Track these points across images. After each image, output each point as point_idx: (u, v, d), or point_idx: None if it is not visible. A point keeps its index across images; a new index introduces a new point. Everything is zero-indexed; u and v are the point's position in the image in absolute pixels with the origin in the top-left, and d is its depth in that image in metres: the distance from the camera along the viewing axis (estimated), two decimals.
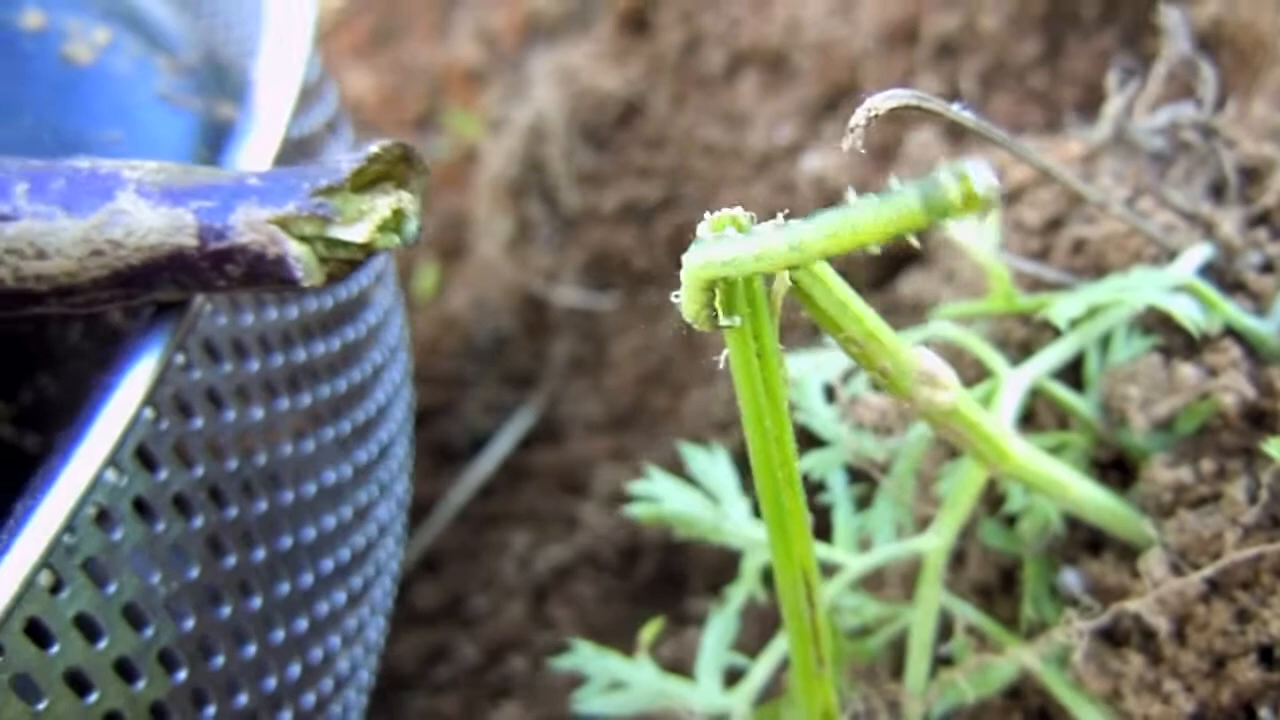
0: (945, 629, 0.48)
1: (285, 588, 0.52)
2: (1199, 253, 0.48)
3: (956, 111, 0.38)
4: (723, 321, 0.34)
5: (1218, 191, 0.51)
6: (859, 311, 0.37)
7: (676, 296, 0.35)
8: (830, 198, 0.70)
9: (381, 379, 0.63)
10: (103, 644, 0.43)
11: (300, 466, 0.54)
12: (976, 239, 0.48)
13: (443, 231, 1.05)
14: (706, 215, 0.33)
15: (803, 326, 0.69)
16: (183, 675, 0.46)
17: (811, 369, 0.50)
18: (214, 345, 0.49)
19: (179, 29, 0.63)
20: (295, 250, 0.38)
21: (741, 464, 0.55)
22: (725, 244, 0.32)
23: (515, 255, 0.90)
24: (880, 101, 0.33)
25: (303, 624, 0.54)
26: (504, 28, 1.16)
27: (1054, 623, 0.46)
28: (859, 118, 0.33)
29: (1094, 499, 0.45)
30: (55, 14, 0.58)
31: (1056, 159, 0.56)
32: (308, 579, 0.54)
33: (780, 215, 0.35)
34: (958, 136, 0.70)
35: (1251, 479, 0.45)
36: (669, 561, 0.73)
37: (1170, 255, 0.48)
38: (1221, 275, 0.48)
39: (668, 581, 0.72)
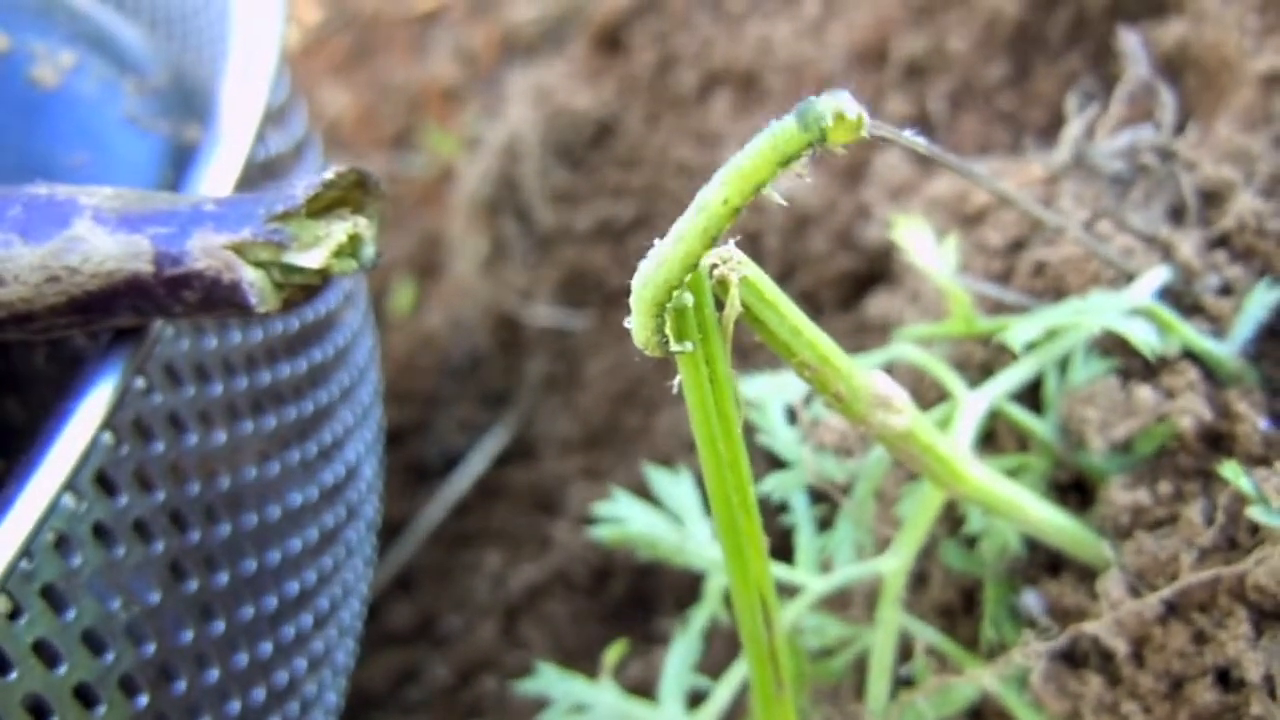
0: (907, 650, 0.48)
1: (249, 611, 0.52)
2: (1157, 275, 0.48)
3: (910, 138, 0.38)
4: (674, 347, 0.34)
5: (1177, 214, 0.51)
6: (812, 337, 0.37)
7: (628, 323, 0.35)
8: (800, 217, 0.70)
9: (349, 400, 0.63)
10: (62, 670, 0.43)
11: (264, 489, 0.54)
12: (937, 262, 0.48)
13: (419, 250, 1.05)
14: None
15: (767, 349, 0.69)
16: (144, 701, 0.46)
17: (773, 391, 0.50)
18: (175, 369, 0.49)
19: (147, 51, 0.63)
20: (250, 276, 0.38)
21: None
22: (653, 254, 0.32)
23: (490, 274, 0.90)
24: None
25: (267, 647, 0.53)
26: (481, 47, 1.17)
27: (1014, 644, 0.47)
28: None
29: (1052, 521, 0.45)
30: (20, 36, 0.58)
31: (1018, 182, 0.57)
32: (272, 602, 0.54)
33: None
34: (925, 158, 0.70)
35: (1208, 501, 0.45)
36: (640, 582, 0.73)
37: (1129, 278, 0.49)
38: (1180, 298, 0.49)
39: (639, 601, 0.72)
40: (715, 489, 0.38)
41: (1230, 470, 0.42)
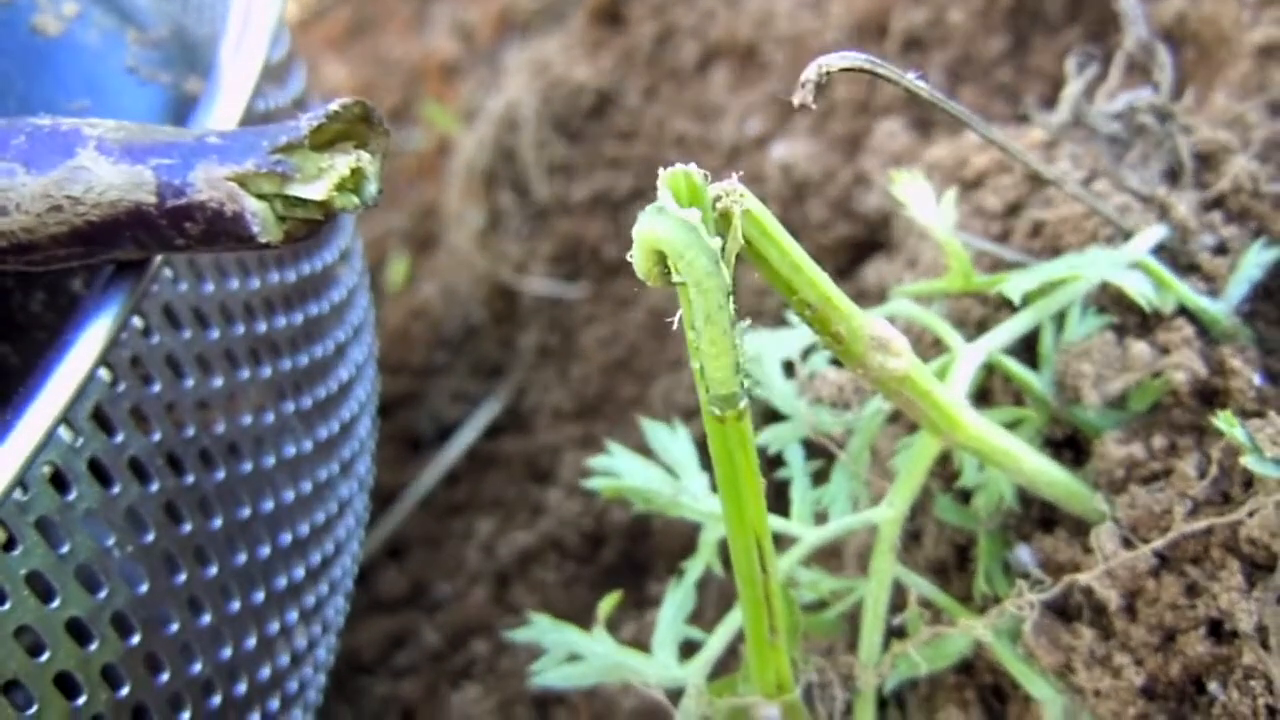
0: (900, 604, 0.48)
1: (242, 558, 0.52)
2: (1153, 233, 0.48)
3: (909, 80, 0.39)
4: (674, 279, 0.34)
5: (1173, 176, 0.51)
6: (812, 274, 0.37)
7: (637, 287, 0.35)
8: (798, 186, 0.70)
9: (344, 357, 0.63)
10: (55, 604, 0.43)
11: (260, 438, 0.54)
12: (936, 218, 0.48)
13: (414, 223, 1.05)
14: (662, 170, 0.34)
15: (768, 314, 0.69)
16: (136, 639, 0.46)
17: (771, 345, 0.51)
18: (174, 311, 0.49)
19: (149, 5, 0.63)
20: (253, 206, 0.38)
21: (704, 445, 0.55)
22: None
23: (485, 245, 0.90)
24: (834, 60, 0.34)
25: (259, 595, 0.53)
26: (480, 22, 1.17)
27: (1007, 598, 0.47)
28: (811, 73, 0.33)
29: (1047, 473, 0.45)
30: None
31: (1021, 142, 0.57)
32: (265, 550, 0.54)
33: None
34: (925, 126, 0.70)
35: (1202, 455, 0.45)
36: (632, 547, 0.73)
37: (1125, 237, 0.49)
38: (1175, 256, 0.49)
39: (631, 567, 0.72)
40: (713, 427, 0.38)
41: (1225, 420, 0.42)
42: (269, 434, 0.55)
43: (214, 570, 0.51)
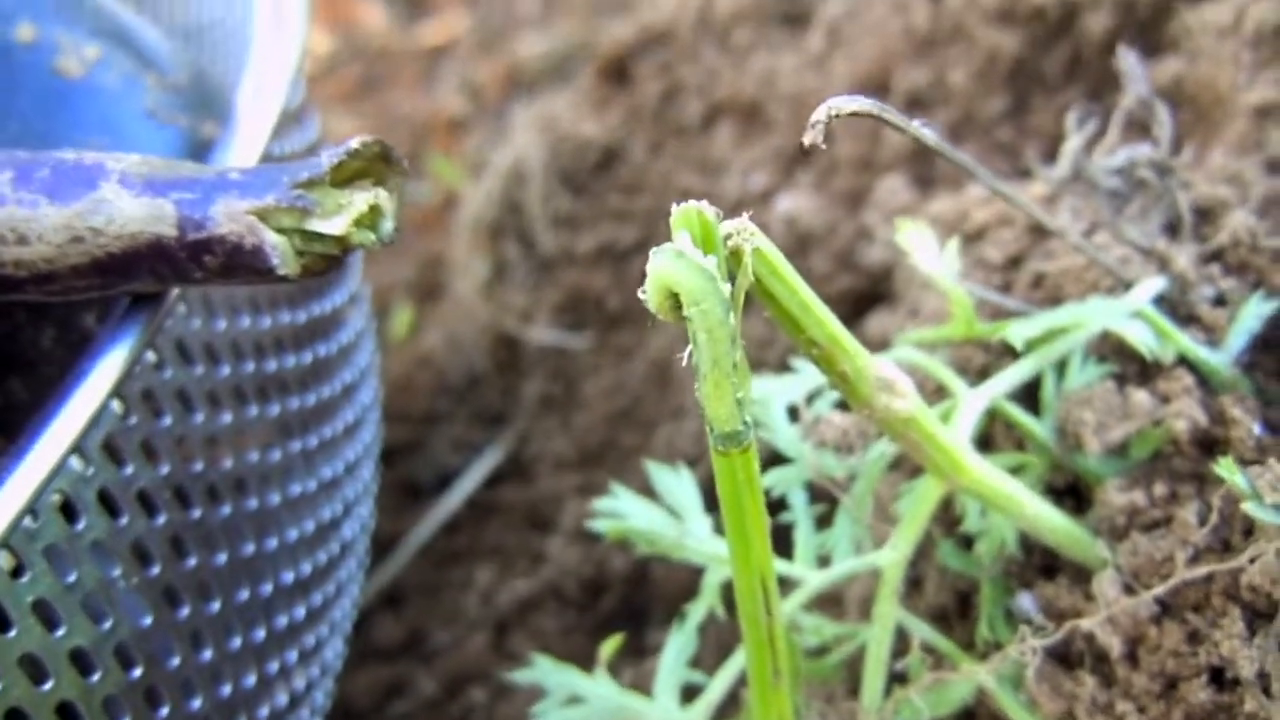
0: (902, 650, 0.48)
1: (245, 595, 0.52)
2: (1153, 284, 0.49)
3: (914, 127, 0.40)
4: (685, 313, 0.35)
5: (1172, 229, 0.52)
6: (820, 314, 0.38)
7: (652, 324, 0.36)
8: (801, 238, 0.71)
9: (351, 399, 0.64)
10: (60, 632, 0.43)
11: (266, 475, 0.54)
12: (940, 266, 0.49)
13: (419, 275, 1.06)
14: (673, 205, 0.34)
15: (771, 364, 0.70)
16: (138, 672, 0.46)
17: (776, 389, 0.51)
18: (186, 347, 0.50)
19: (169, 51, 0.65)
20: (272, 239, 0.39)
21: (708, 492, 0.56)
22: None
23: (490, 296, 0.91)
24: (842, 103, 0.35)
25: (260, 634, 0.53)
26: (488, 80, 1.19)
27: (1009, 644, 0.47)
28: (820, 114, 0.34)
29: (1049, 518, 0.46)
30: (48, 28, 0.59)
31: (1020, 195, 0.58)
32: (267, 588, 0.54)
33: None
34: (927, 183, 0.72)
35: (1203, 503, 0.46)
36: (632, 595, 0.73)
37: (1126, 288, 0.50)
38: (1175, 307, 0.50)
39: (630, 615, 0.72)
40: (721, 465, 0.38)
41: (1225, 466, 0.43)
42: (275, 472, 0.55)
43: (217, 606, 0.51)
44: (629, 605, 0.73)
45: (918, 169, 0.73)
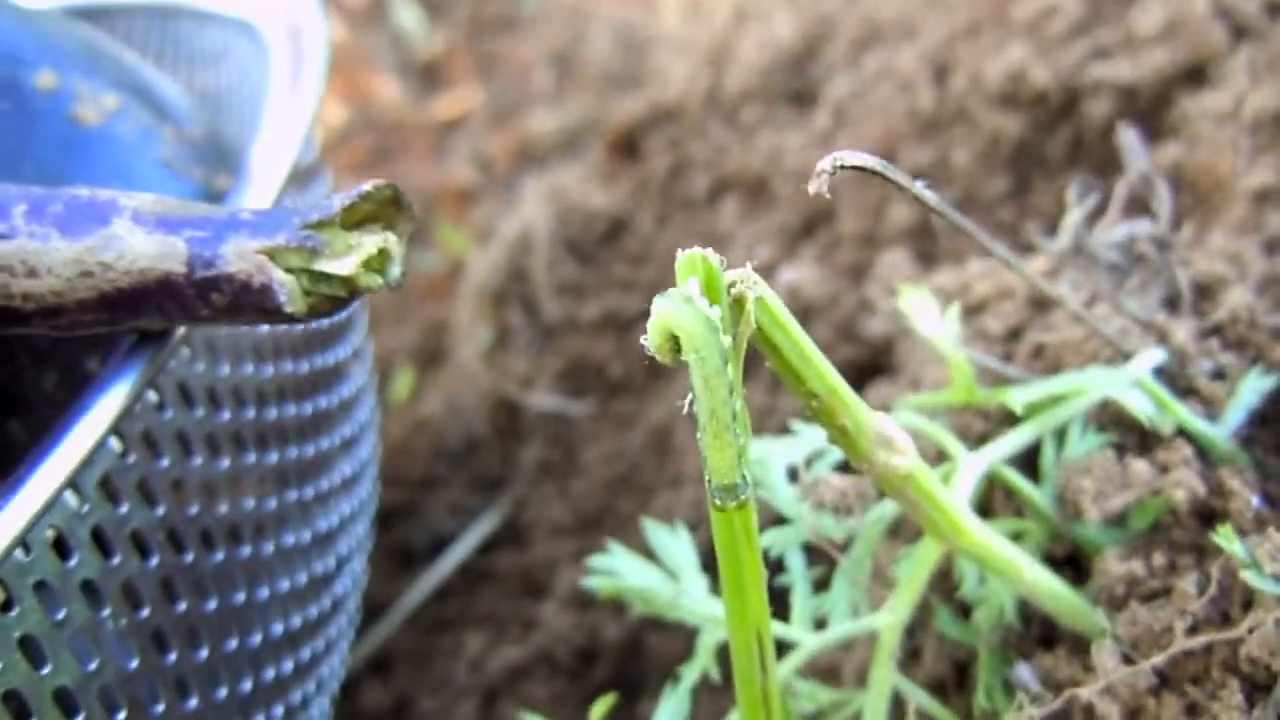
0: (898, 719, 0.47)
1: (233, 644, 0.52)
2: (1153, 356, 0.49)
3: (918, 188, 0.40)
4: (684, 357, 0.35)
5: (1172, 305, 0.53)
6: (821, 366, 0.38)
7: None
8: (804, 309, 0.72)
9: (349, 453, 0.64)
10: (45, 670, 0.43)
11: (261, 523, 0.54)
12: (941, 330, 0.49)
13: (421, 340, 1.06)
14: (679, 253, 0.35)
15: (773, 431, 0.70)
16: (122, 716, 0.46)
17: (776, 450, 0.51)
18: (189, 389, 0.50)
19: (187, 108, 0.66)
20: (280, 278, 0.40)
21: (706, 558, 0.55)
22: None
23: (493, 362, 0.91)
24: (848, 156, 0.35)
25: (247, 685, 0.53)
26: (499, 153, 1.20)
27: (1006, 714, 0.46)
28: (825, 164, 0.34)
29: (1048, 585, 0.45)
30: (68, 77, 0.60)
31: (1021, 263, 0.59)
32: (256, 639, 0.53)
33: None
34: (928, 258, 0.72)
35: (1201, 574, 0.45)
36: (626, 665, 0.72)
37: (1125, 359, 0.50)
38: (1174, 380, 0.50)
39: (623, 685, 0.71)
40: (718, 516, 0.38)
41: (1224, 535, 0.42)
42: (270, 521, 0.55)
43: (204, 654, 0.50)
44: (622, 674, 0.72)
45: (920, 244, 0.73)
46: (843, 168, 0.35)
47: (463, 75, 1.36)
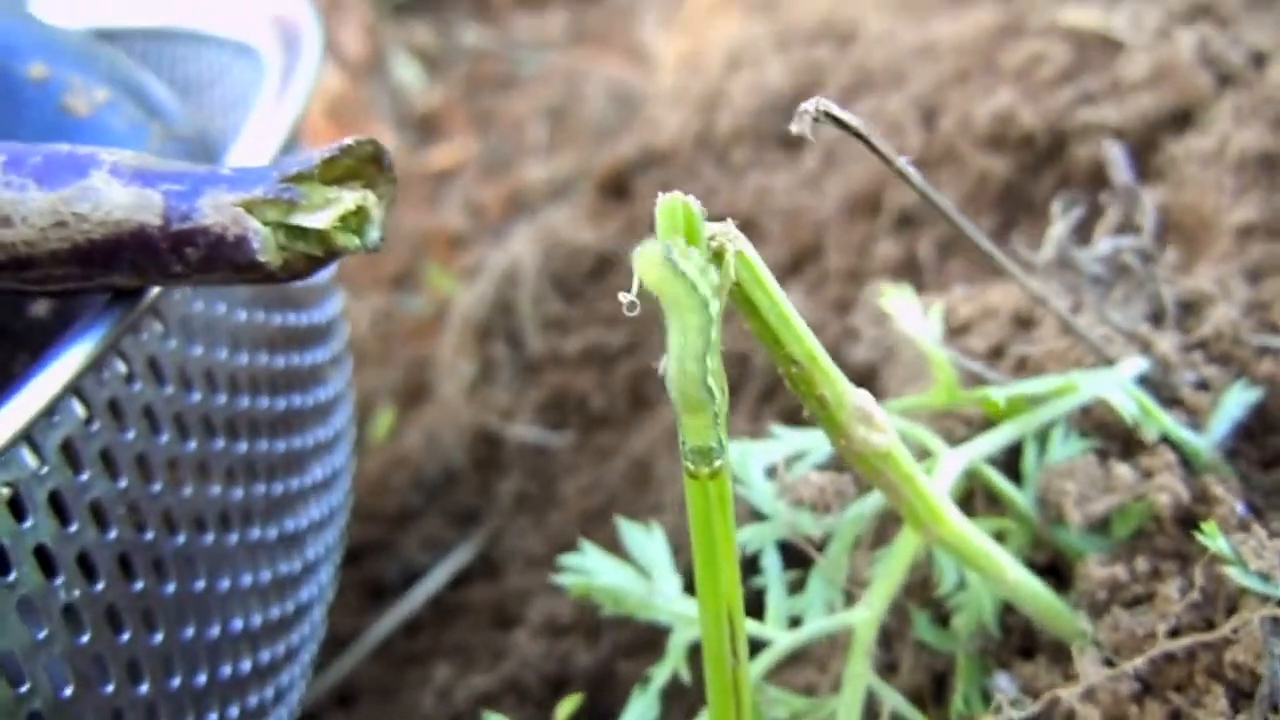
0: None
1: (190, 632, 0.50)
2: (1137, 363, 0.49)
3: (902, 164, 0.40)
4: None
5: (1156, 319, 0.53)
6: (800, 329, 0.37)
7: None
8: None
9: (322, 458, 0.62)
10: None
11: (226, 513, 0.53)
12: (924, 330, 0.49)
13: (406, 377, 1.05)
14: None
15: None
16: (68, 692, 0.44)
17: (756, 451, 0.50)
18: (159, 365, 0.49)
19: (177, 109, 0.66)
20: (256, 226, 0.39)
21: (679, 549, 0.54)
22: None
23: (474, 395, 0.91)
24: (833, 107, 0.35)
25: (201, 678, 0.51)
26: (491, 200, 1.21)
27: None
28: (809, 105, 0.34)
29: (1029, 585, 0.44)
30: (60, 69, 0.60)
31: (1005, 293, 0.58)
32: (214, 631, 0.52)
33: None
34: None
35: (1185, 580, 0.44)
36: (596, 694, 0.70)
37: (1109, 366, 0.50)
38: (1158, 389, 0.50)
39: (595, 713, 0.69)
40: (693, 491, 0.37)
41: (1209, 531, 0.41)
42: (235, 512, 0.53)
43: (159, 638, 0.48)
44: (593, 704, 0.69)
45: (906, 279, 0.73)
46: (826, 113, 0.35)
47: (458, 129, 1.37)
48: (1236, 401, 0.49)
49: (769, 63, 0.93)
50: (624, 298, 0.37)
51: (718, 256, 0.36)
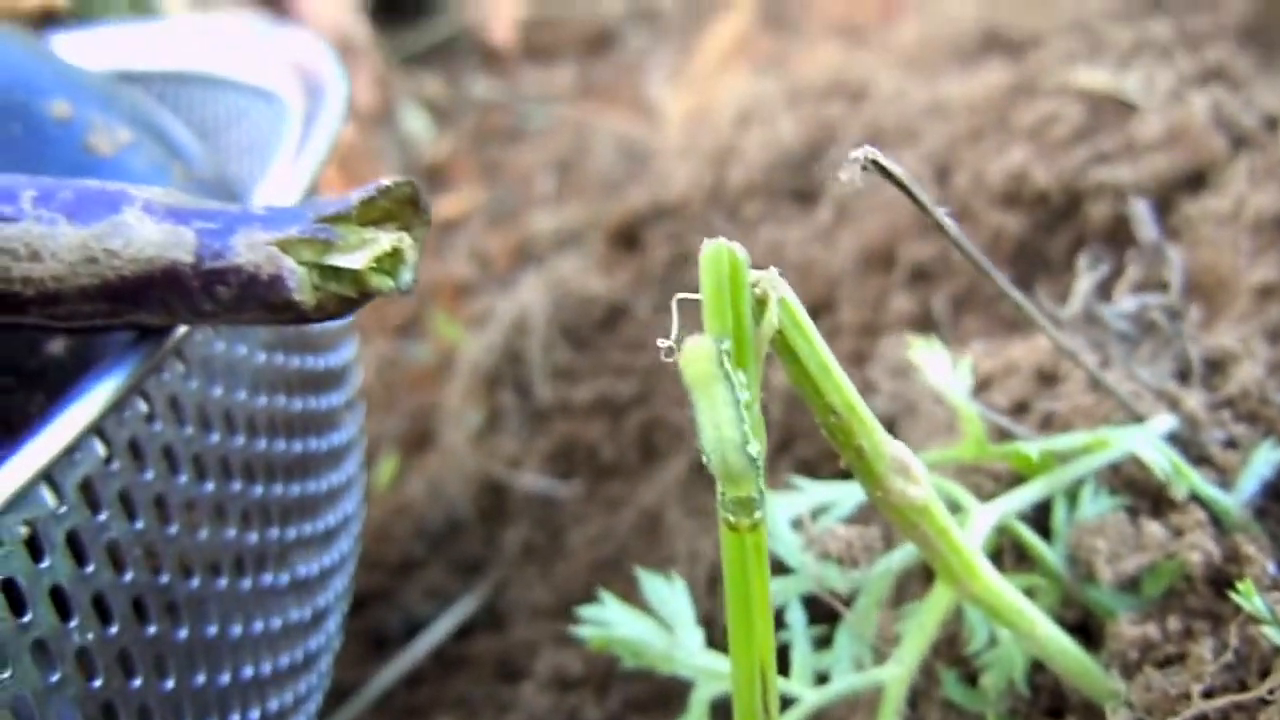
0: None
1: (201, 679, 0.49)
2: (1165, 420, 0.49)
3: (940, 214, 0.40)
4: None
5: (1183, 377, 0.52)
6: (840, 379, 0.37)
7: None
8: None
9: (334, 503, 0.62)
10: (4, 675, 0.40)
11: (240, 557, 0.52)
12: (953, 384, 0.49)
13: (408, 427, 1.04)
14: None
15: None
16: None
17: (781, 503, 0.50)
18: (180, 405, 0.49)
19: (199, 151, 0.66)
20: (291, 266, 0.39)
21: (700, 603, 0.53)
22: None
23: (480, 444, 0.90)
24: (879, 156, 0.35)
25: None
26: (498, 250, 1.21)
27: None
28: (858, 154, 0.34)
29: (1059, 642, 0.44)
30: (83, 109, 0.60)
31: (1027, 348, 0.58)
32: (224, 679, 0.51)
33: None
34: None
35: (1218, 641, 0.44)
36: None
37: (1137, 423, 0.49)
38: (1186, 447, 0.49)
39: None
40: (728, 537, 0.37)
41: (1244, 590, 0.41)
42: (250, 556, 0.53)
43: (170, 684, 0.47)
44: None
45: (921, 333, 0.73)
46: (874, 163, 0.35)
47: (466, 179, 1.38)
48: (1265, 460, 0.48)
49: (780, 119, 0.93)
50: (662, 343, 0.36)
51: (760, 303, 0.36)
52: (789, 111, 0.96)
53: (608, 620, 0.50)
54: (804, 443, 0.71)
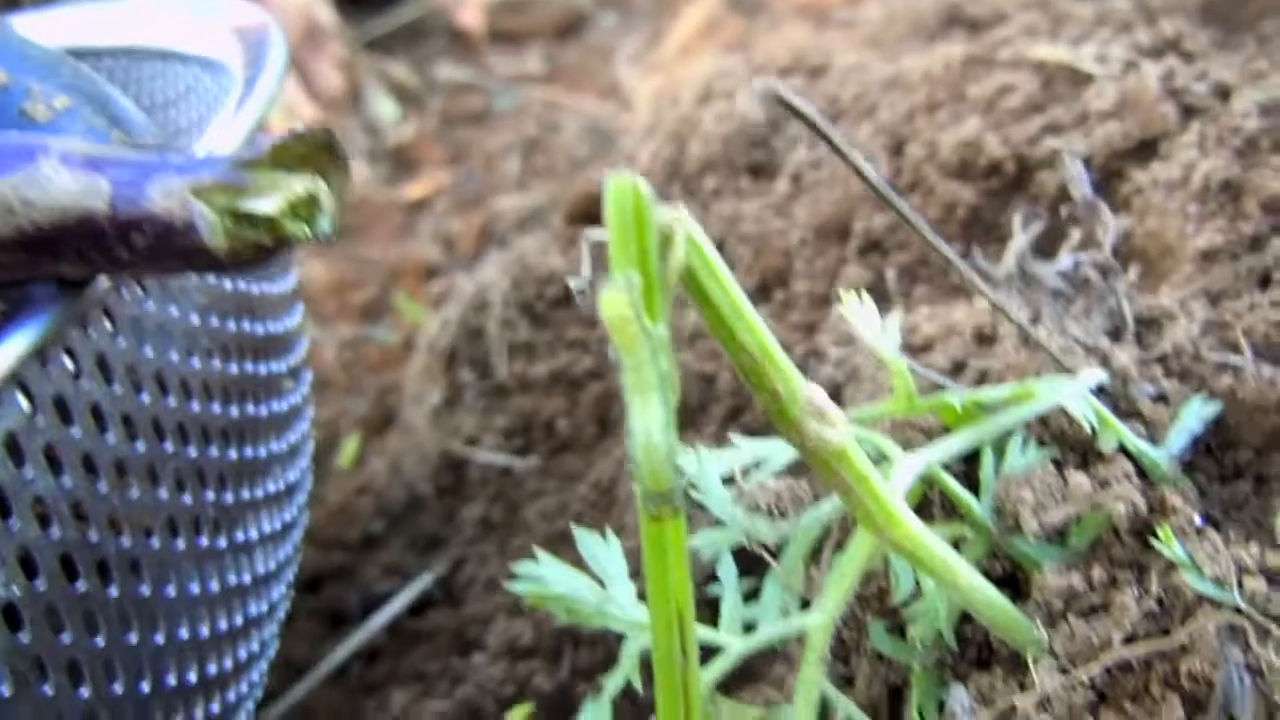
0: None
1: (133, 638, 0.49)
2: (1095, 374, 0.49)
3: (856, 157, 0.40)
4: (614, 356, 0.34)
5: (1115, 334, 0.52)
6: (753, 320, 0.37)
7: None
8: None
9: (275, 472, 0.61)
10: None
11: (175, 519, 0.52)
12: (881, 341, 0.49)
13: (372, 405, 1.04)
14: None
15: None
16: (6, 692, 0.43)
17: (712, 459, 0.50)
18: (108, 364, 0.48)
19: (141, 121, 0.66)
20: (202, 210, 0.39)
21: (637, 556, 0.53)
22: None
23: (439, 421, 0.90)
24: (782, 90, 0.35)
25: (145, 685, 0.50)
26: (462, 232, 1.21)
27: None
28: (758, 86, 0.34)
29: (984, 592, 0.44)
30: (21, 77, 0.60)
31: (968, 312, 0.58)
32: (159, 638, 0.51)
33: None
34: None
35: (1141, 590, 0.44)
36: (556, 717, 0.68)
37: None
38: (1116, 402, 0.49)
39: None
40: (648, 530, 0.37)
41: (1165, 537, 0.41)
42: (185, 517, 0.52)
43: (101, 642, 0.47)
44: None
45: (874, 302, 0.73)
46: (778, 99, 0.35)
47: (432, 162, 1.38)
48: (1195, 414, 0.49)
49: (740, 93, 0.93)
50: (572, 281, 0.36)
51: (666, 240, 0.36)
52: (749, 87, 0.96)
53: (543, 577, 0.50)
54: (756, 409, 0.71)
